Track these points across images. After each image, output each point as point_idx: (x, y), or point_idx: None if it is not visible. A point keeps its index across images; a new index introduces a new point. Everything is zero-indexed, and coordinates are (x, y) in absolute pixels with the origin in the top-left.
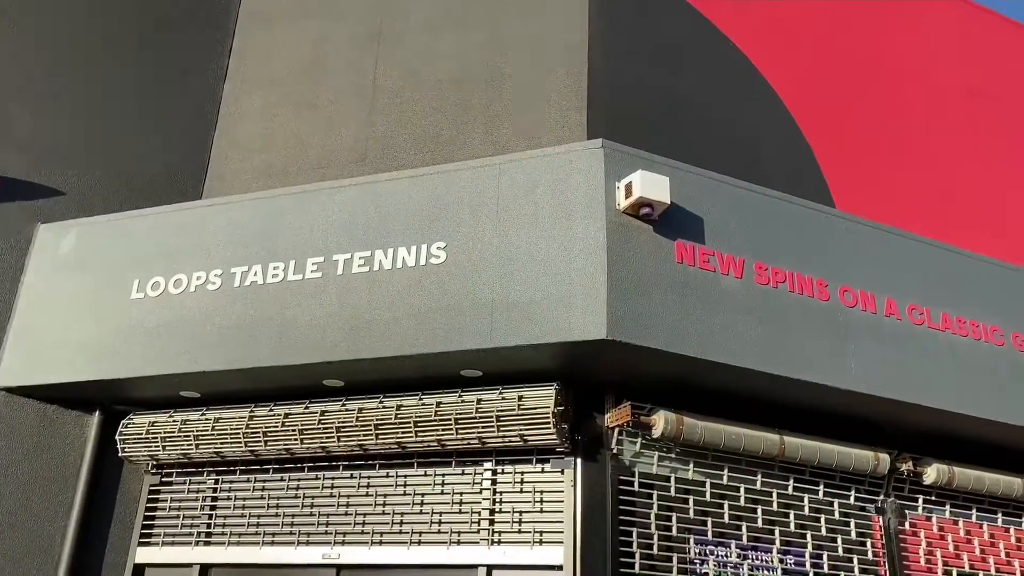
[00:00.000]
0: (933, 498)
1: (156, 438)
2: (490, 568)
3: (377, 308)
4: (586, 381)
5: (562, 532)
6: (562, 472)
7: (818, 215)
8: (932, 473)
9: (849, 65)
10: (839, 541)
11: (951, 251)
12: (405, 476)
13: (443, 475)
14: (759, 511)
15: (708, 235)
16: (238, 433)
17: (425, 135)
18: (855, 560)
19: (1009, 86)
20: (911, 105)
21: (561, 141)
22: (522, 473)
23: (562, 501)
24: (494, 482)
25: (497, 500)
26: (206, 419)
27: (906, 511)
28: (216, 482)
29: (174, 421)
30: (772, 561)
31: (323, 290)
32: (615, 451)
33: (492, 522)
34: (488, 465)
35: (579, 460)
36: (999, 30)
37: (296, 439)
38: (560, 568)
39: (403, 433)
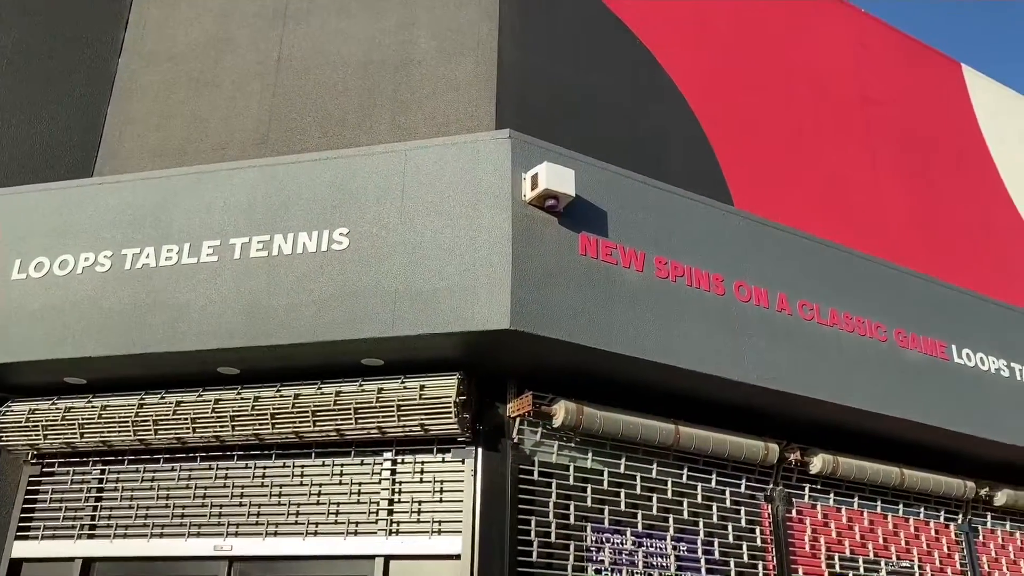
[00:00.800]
0: (818, 486)
1: (37, 426)
2: (387, 558)
3: (276, 294)
4: (489, 371)
5: (461, 522)
6: (463, 462)
7: (717, 212)
8: (818, 462)
9: (752, 68)
10: (729, 528)
11: (840, 250)
12: (302, 466)
13: (342, 465)
14: (654, 499)
15: (611, 228)
16: (127, 421)
17: (330, 118)
18: (744, 546)
19: (897, 95)
20: (807, 109)
21: (469, 131)
22: (422, 463)
23: (462, 491)
24: (394, 472)
25: (396, 490)
26: (92, 407)
27: (793, 499)
28: (102, 472)
29: (57, 408)
30: (666, 548)
31: (219, 274)
32: (516, 440)
33: (391, 512)
34: (388, 455)
35: (480, 450)
36: (891, 41)
37: (188, 428)
38: (458, 557)
39: (301, 422)
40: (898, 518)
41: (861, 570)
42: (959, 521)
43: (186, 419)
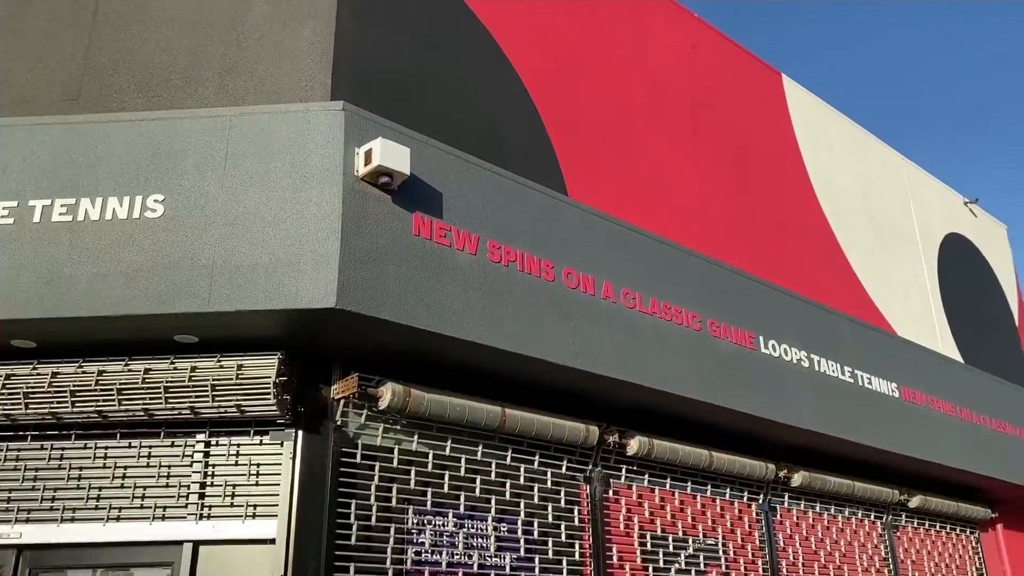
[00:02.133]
0: (634, 468)
1: None
2: (197, 543)
3: (80, 262)
4: (313, 351)
5: (277, 505)
6: (282, 444)
7: (551, 200)
8: (635, 445)
9: (591, 61)
10: (549, 509)
11: (662, 243)
12: (105, 447)
13: (149, 447)
14: (478, 481)
15: (446, 210)
16: None
17: (152, 79)
18: (563, 526)
19: (722, 98)
20: (640, 106)
21: (302, 101)
22: (238, 445)
23: (279, 474)
24: (207, 454)
25: (209, 473)
26: None
27: (610, 480)
28: None
29: None
30: (487, 529)
31: (15, 239)
32: (339, 423)
33: (202, 496)
34: (201, 436)
35: (301, 432)
36: (720, 46)
37: None
38: (273, 542)
39: (104, 401)
40: (706, 498)
41: (670, 548)
42: (760, 501)
43: None
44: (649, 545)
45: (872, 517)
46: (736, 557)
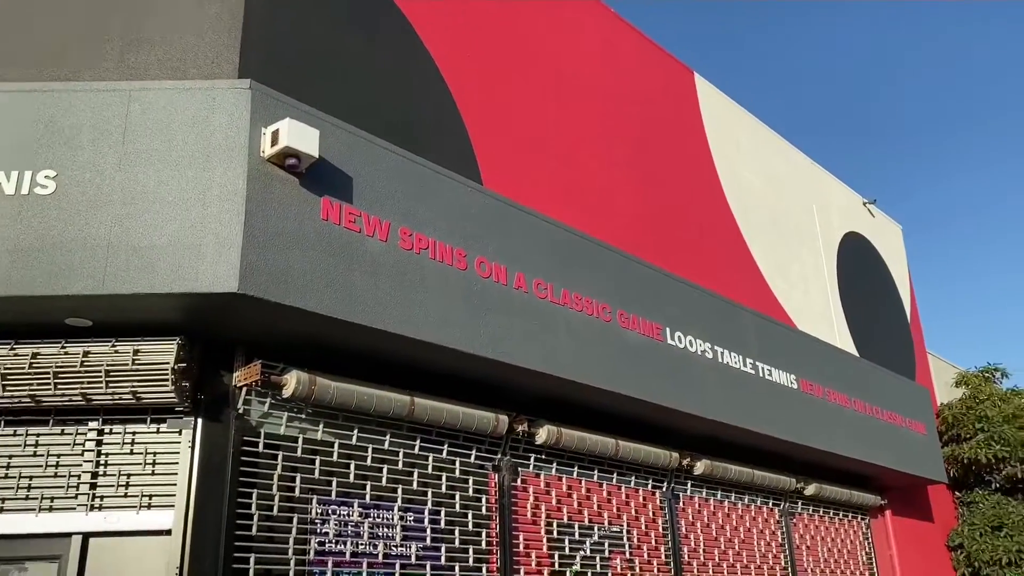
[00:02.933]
0: (543, 456)
1: None
2: (86, 535)
3: None
4: (214, 336)
5: (174, 496)
6: (180, 432)
7: (465, 188)
8: (543, 433)
9: (508, 52)
10: (457, 498)
11: (575, 234)
12: None
13: (37, 435)
14: (384, 470)
15: (356, 195)
16: None
17: (47, 48)
18: (470, 515)
19: (635, 94)
20: (555, 98)
21: (208, 78)
22: (133, 433)
23: (177, 463)
24: (99, 443)
25: (102, 462)
26: None
27: (519, 469)
28: None
29: None
30: (393, 519)
31: None
32: (241, 411)
33: (93, 487)
34: (94, 424)
35: (200, 420)
36: (635, 42)
37: None
38: (168, 533)
39: None
40: (612, 486)
41: (576, 535)
42: (664, 488)
43: None
44: (556, 533)
45: (770, 504)
46: (640, 544)
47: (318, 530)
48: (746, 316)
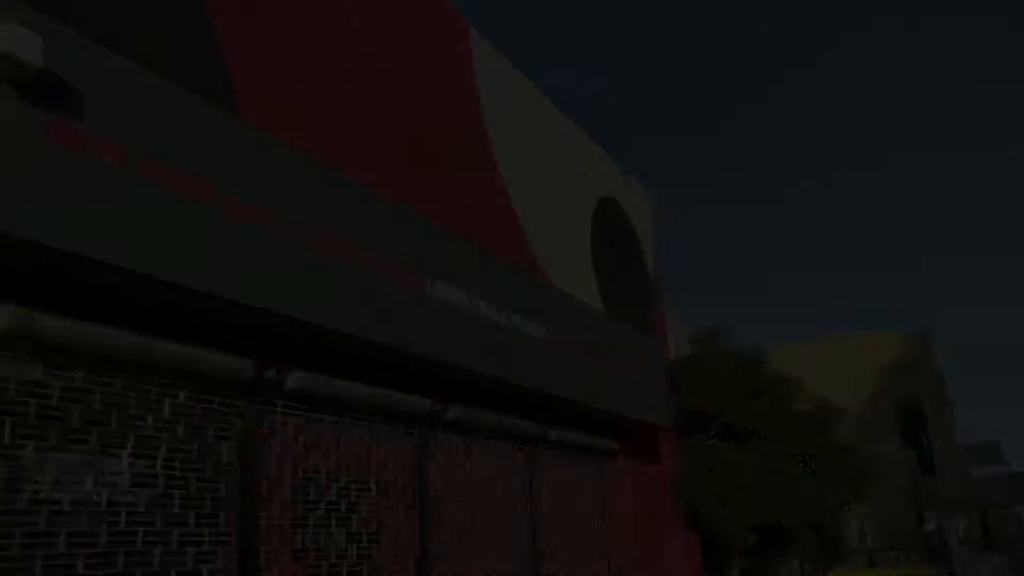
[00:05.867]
0: (293, 404)
1: None
2: None
3: None
4: None
5: None
6: None
7: (216, 117)
8: (293, 380)
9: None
10: (195, 445)
11: (337, 176)
12: None
13: None
14: (114, 415)
15: (88, 115)
16: None
17: None
18: (208, 463)
19: (410, 43)
20: (324, 37)
21: None
22: None
23: None
24: None
25: None
26: None
27: (264, 416)
28: None
29: None
30: (121, 467)
31: None
32: None
33: None
34: None
35: None
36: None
37: None
38: None
39: None
40: (362, 431)
41: (323, 483)
42: (415, 434)
43: None
44: (302, 478)
45: (517, 449)
46: (387, 489)
47: (31, 478)
48: (503, 268)
